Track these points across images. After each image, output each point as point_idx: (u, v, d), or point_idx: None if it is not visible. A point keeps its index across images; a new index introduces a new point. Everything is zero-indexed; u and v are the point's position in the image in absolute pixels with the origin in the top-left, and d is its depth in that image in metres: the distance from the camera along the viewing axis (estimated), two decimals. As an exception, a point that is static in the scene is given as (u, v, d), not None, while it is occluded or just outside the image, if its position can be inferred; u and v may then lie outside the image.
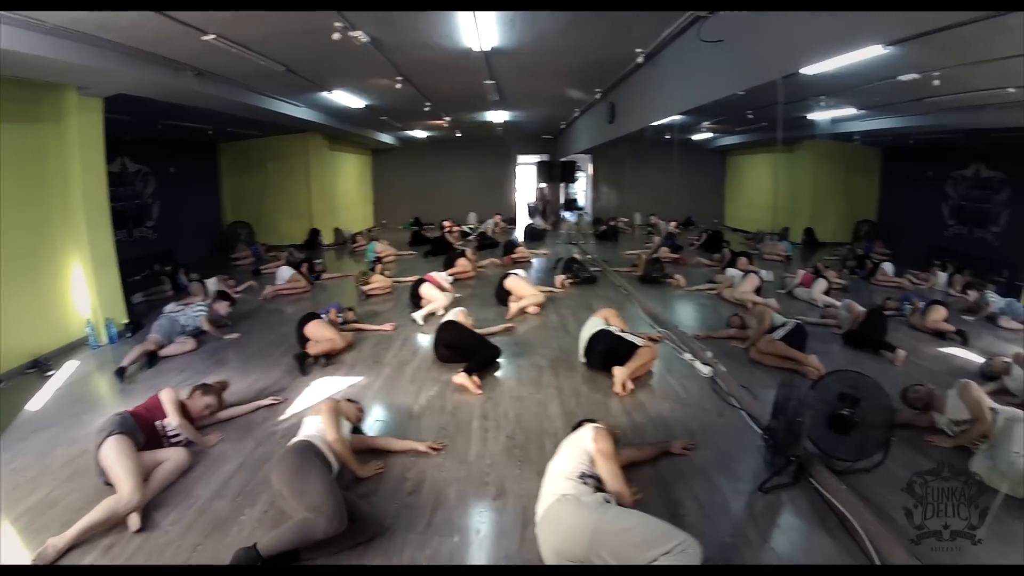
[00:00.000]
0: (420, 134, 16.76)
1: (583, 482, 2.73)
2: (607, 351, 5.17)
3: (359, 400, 4.28)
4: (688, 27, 5.15)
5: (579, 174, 19.18)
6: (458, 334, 5.56)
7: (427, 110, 10.97)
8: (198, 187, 13.32)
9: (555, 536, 2.58)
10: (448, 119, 13.14)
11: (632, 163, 12.42)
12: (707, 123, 11.65)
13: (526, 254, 12.12)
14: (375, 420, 4.43)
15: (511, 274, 7.98)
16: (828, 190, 11.91)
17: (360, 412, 4.07)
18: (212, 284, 8.59)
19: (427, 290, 7.65)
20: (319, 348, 5.66)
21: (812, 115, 8.58)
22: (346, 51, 5.55)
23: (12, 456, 3.87)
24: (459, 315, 5.83)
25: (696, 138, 13.52)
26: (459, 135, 16.85)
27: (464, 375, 4.95)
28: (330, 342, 5.76)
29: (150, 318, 6.58)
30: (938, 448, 3.89)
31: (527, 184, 20.95)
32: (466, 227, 16.59)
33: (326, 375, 5.38)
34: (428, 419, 4.40)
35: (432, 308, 7.33)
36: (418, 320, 7.08)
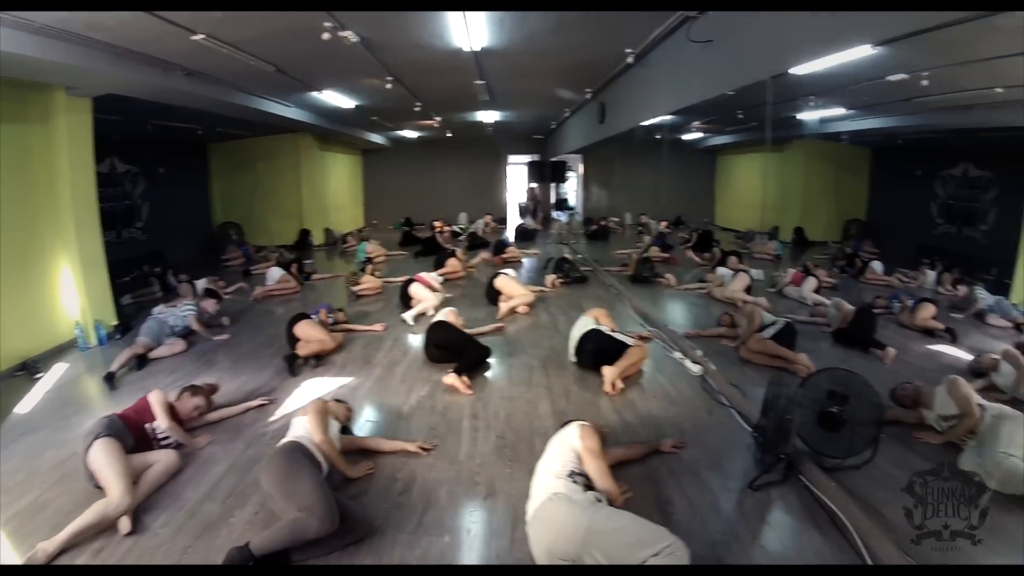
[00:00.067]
0: (411, 134, 16.71)
1: (573, 480, 2.73)
2: (597, 350, 5.18)
3: (349, 400, 4.27)
4: (678, 27, 5.16)
5: (570, 174, 19.20)
6: (448, 334, 5.56)
7: (417, 110, 10.94)
8: (188, 187, 13.24)
9: (547, 535, 2.58)
10: (438, 119, 13.11)
11: (622, 163, 12.47)
12: (697, 123, 11.71)
13: (517, 254, 12.12)
14: (365, 420, 4.42)
15: (501, 274, 7.99)
16: (818, 189, 12.01)
17: (349, 412, 4.07)
18: (202, 285, 8.51)
19: (417, 290, 7.63)
20: (309, 349, 5.64)
21: (802, 115, 8.64)
22: (336, 51, 5.53)
23: (1, 460, 3.83)
24: (449, 315, 5.83)
25: (686, 138, 13.59)
26: (450, 135, 16.81)
27: (454, 376, 4.95)
28: (320, 343, 5.74)
29: (139, 320, 6.52)
30: (927, 445, 3.92)
31: (518, 184, 20.92)
32: (457, 227, 16.58)
33: (316, 376, 5.36)
34: (418, 419, 4.40)
35: (422, 308, 7.32)
36: (408, 320, 7.06)
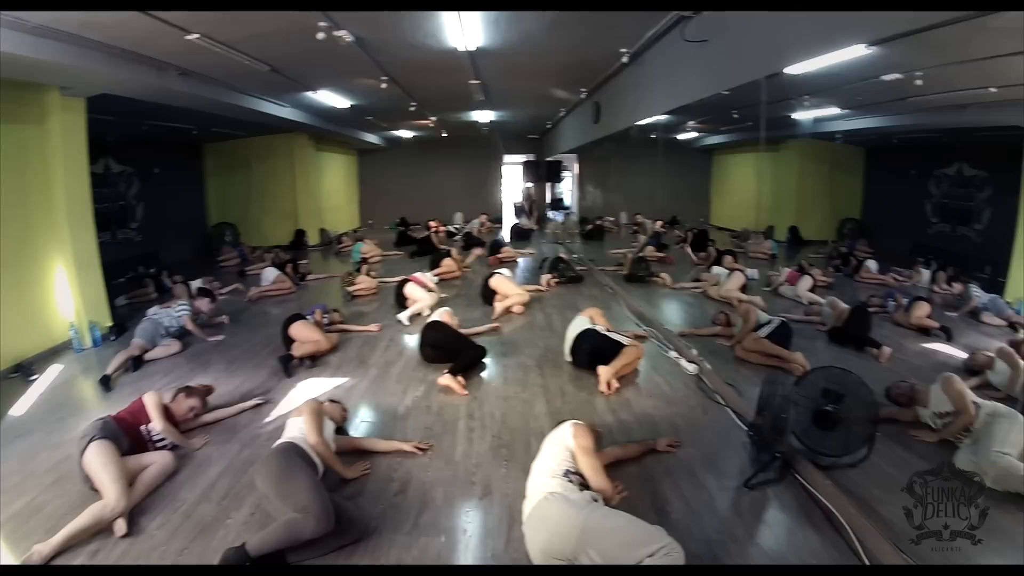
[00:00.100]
0: (406, 134, 16.72)
1: (568, 479, 2.73)
2: (593, 350, 5.18)
3: (344, 401, 4.27)
4: (672, 27, 5.17)
5: (565, 174, 19.24)
6: (443, 334, 5.56)
7: (413, 110, 10.93)
8: (183, 188, 13.20)
9: (543, 534, 2.58)
10: (434, 119, 13.11)
11: (618, 163, 12.45)
12: (692, 123, 11.73)
13: (512, 254, 12.13)
14: (361, 421, 4.42)
15: (496, 273, 7.99)
16: (812, 189, 12.05)
17: (344, 413, 4.06)
18: (196, 286, 8.49)
19: (411, 290, 7.63)
20: (304, 350, 5.63)
21: (796, 114, 8.66)
22: (331, 51, 5.51)
23: (-5, 462, 3.82)
24: (444, 315, 5.83)
25: (682, 137, 13.61)
26: (445, 135, 16.80)
27: (449, 376, 4.94)
28: (315, 343, 5.73)
29: (134, 321, 6.50)
30: (922, 443, 3.93)
31: (513, 184, 20.94)
32: (452, 227, 16.57)
33: (312, 376, 5.35)
34: (414, 419, 4.40)
35: (417, 308, 7.31)
36: (403, 321, 7.06)
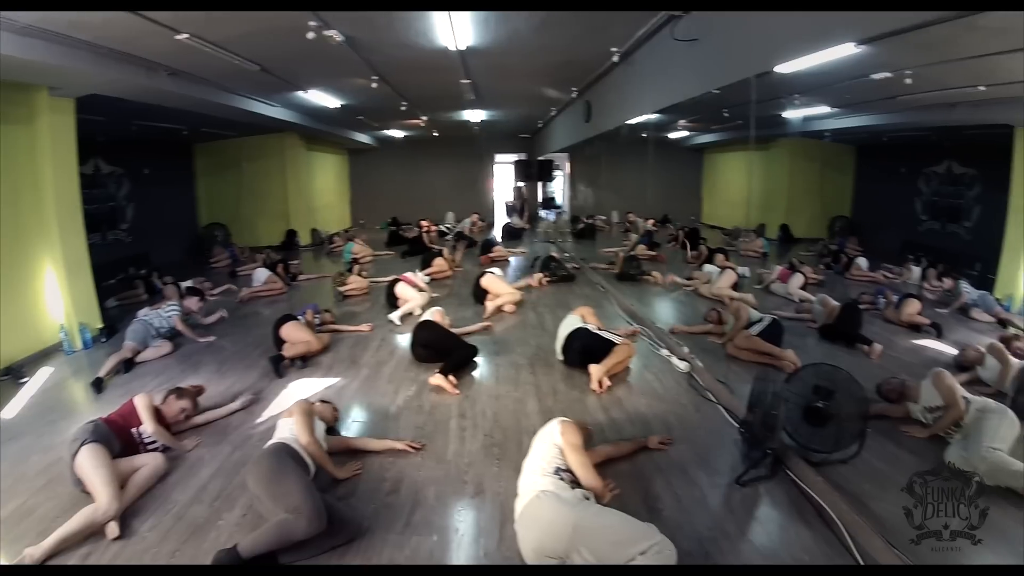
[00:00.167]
0: (397, 134, 16.67)
1: (559, 477, 2.74)
2: (584, 349, 5.19)
3: (336, 401, 4.27)
4: (663, 26, 5.18)
5: (556, 173, 19.21)
6: (435, 334, 5.55)
7: (403, 109, 10.90)
8: (173, 189, 13.10)
9: (535, 532, 2.58)
10: (425, 118, 13.09)
11: (609, 161, 12.47)
12: (683, 121, 11.73)
13: (504, 253, 12.13)
14: (352, 421, 4.41)
15: (487, 273, 8.00)
16: (803, 187, 12.08)
17: (335, 413, 4.06)
18: (186, 286, 8.44)
19: (402, 290, 7.61)
20: (295, 350, 5.62)
21: (786, 113, 8.68)
22: (321, 50, 5.50)
23: (-15, 465, 3.79)
24: (436, 315, 5.82)
25: (672, 136, 13.61)
26: (436, 134, 16.79)
27: (440, 376, 4.94)
28: (306, 344, 5.72)
29: (124, 323, 6.45)
30: (913, 439, 3.96)
31: (505, 183, 20.92)
32: (444, 227, 16.57)
33: (303, 377, 5.34)
34: (406, 419, 4.39)
35: (408, 308, 7.30)
36: (395, 320, 7.05)
